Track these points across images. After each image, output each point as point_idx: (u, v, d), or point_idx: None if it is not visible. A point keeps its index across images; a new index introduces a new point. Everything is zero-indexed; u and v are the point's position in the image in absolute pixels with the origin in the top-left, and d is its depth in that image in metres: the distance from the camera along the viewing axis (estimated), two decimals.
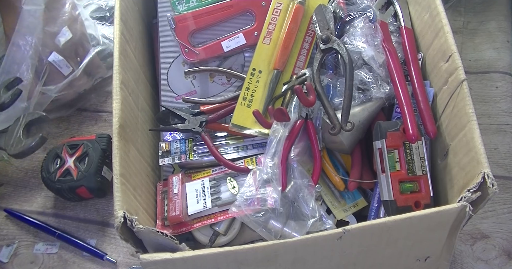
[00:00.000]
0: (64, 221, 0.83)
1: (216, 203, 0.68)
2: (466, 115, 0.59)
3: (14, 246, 0.80)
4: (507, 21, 0.99)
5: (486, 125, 0.88)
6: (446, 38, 0.65)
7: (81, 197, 0.82)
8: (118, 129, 0.61)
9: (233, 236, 0.70)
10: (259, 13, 0.76)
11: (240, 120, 0.73)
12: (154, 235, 0.55)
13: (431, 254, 0.62)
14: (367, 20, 0.72)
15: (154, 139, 0.77)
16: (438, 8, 0.68)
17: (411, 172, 0.65)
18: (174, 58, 0.79)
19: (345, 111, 0.66)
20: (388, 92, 0.70)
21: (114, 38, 0.68)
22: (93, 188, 0.79)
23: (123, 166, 0.60)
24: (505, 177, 0.84)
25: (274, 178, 0.66)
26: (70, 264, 0.79)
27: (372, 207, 0.71)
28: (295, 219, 0.67)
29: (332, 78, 0.72)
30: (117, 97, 0.63)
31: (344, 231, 0.52)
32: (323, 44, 0.71)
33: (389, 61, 0.71)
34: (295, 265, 0.58)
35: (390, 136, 0.65)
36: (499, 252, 0.77)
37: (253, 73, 0.74)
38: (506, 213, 0.81)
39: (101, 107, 0.93)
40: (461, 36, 0.98)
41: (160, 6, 0.79)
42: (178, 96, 0.79)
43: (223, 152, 0.73)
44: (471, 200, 0.54)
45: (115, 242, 0.80)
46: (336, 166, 0.73)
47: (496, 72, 0.94)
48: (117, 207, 0.55)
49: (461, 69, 0.62)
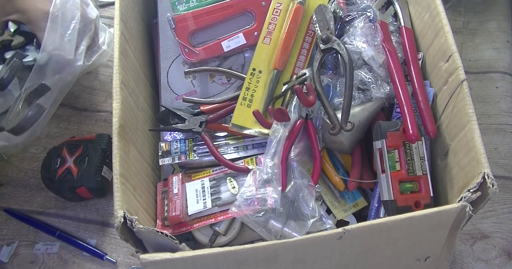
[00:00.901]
0: (64, 221, 0.83)
1: (216, 203, 0.68)
2: (466, 115, 0.59)
3: (14, 246, 0.80)
4: (507, 21, 0.99)
5: (486, 125, 0.88)
6: (446, 38, 0.65)
7: (81, 196, 0.82)
8: (118, 129, 0.61)
9: (233, 236, 0.70)
10: (259, 13, 0.76)
11: (240, 120, 0.73)
12: (154, 235, 0.55)
13: (431, 254, 0.62)
14: (367, 20, 0.72)
15: (154, 139, 0.77)
16: (438, 8, 0.68)
17: (411, 172, 0.65)
18: (174, 58, 0.79)
19: (345, 111, 0.66)
20: (388, 92, 0.70)
21: (114, 38, 0.68)
22: (93, 188, 0.79)
23: (123, 166, 0.60)
24: (505, 177, 0.84)
25: (274, 178, 0.66)
26: (70, 264, 0.79)
27: (372, 207, 0.71)
28: (295, 219, 0.67)
29: (332, 78, 0.72)
30: (117, 97, 0.63)
31: (344, 231, 0.52)
32: (323, 44, 0.71)
33: (389, 61, 0.71)
34: (295, 265, 0.58)
35: (390, 136, 0.65)
36: (499, 252, 0.77)
37: (253, 73, 0.74)
38: (506, 213, 0.81)
39: (101, 107, 0.93)
40: (461, 36, 0.98)
41: (160, 6, 0.79)
42: (178, 96, 0.79)
43: (223, 152, 0.73)
44: (471, 200, 0.54)
45: (115, 242, 0.80)
46: (336, 166, 0.73)
47: (496, 72, 0.94)
48: (117, 207, 0.55)
49: (461, 69, 0.62)
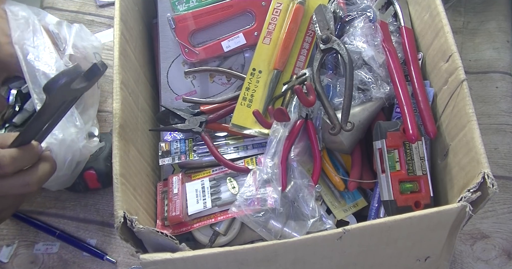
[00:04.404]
0: (64, 221, 0.83)
1: (216, 203, 0.68)
2: (466, 115, 0.59)
3: (14, 246, 0.80)
4: (507, 21, 0.99)
5: (486, 125, 0.88)
6: (446, 38, 0.65)
7: (86, 184, 0.81)
8: (118, 129, 0.61)
9: (233, 236, 0.70)
10: (259, 13, 0.76)
11: (240, 120, 0.73)
12: (154, 235, 0.55)
13: (431, 254, 0.62)
14: (367, 20, 0.72)
15: (154, 139, 0.77)
16: (438, 8, 0.68)
17: (411, 172, 0.65)
18: (174, 58, 0.79)
19: (345, 111, 0.66)
20: (388, 92, 0.70)
21: (114, 38, 0.68)
22: (102, 172, 0.79)
23: (123, 166, 0.60)
24: (505, 177, 0.84)
25: (274, 178, 0.66)
26: (70, 264, 0.79)
27: (372, 207, 0.71)
28: (295, 219, 0.67)
29: (332, 78, 0.72)
30: (117, 97, 0.63)
31: (344, 231, 0.52)
32: (323, 44, 0.71)
33: (389, 61, 0.71)
34: (295, 265, 0.58)
35: (390, 136, 0.65)
36: (499, 252, 0.77)
37: (253, 73, 0.74)
38: (506, 213, 0.81)
39: (101, 107, 0.93)
40: (461, 36, 0.98)
41: (160, 6, 0.79)
42: (178, 96, 0.79)
43: (223, 152, 0.73)
44: (471, 200, 0.54)
45: (115, 242, 0.80)
46: (336, 166, 0.73)
47: (496, 72, 0.94)
48: (117, 207, 0.55)
49: (461, 69, 0.62)
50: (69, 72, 0.55)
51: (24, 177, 0.58)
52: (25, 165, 0.59)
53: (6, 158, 0.56)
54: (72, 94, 0.58)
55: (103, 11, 1.04)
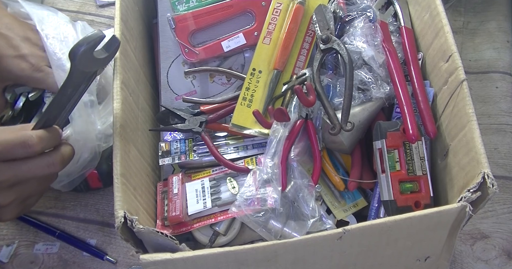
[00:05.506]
0: (64, 221, 0.83)
1: (216, 203, 0.68)
2: (466, 115, 0.59)
3: (14, 246, 0.80)
4: (507, 21, 0.99)
5: (486, 125, 0.88)
6: (446, 38, 0.65)
7: (88, 183, 0.81)
8: (118, 129, 0.61)
9: (233, 236, 0.70)
10: (259, 13, 0.76)
11: (240, 120, 0.73)
12: (154, 235, 0.55)
13: (431, 254, 0.62)
14: (367, 20, 0.72)
15: (154, 139, 0.77)
16: (438, 8, 0.68)
17: (411, 172, 0.65)
18: (174, 58, 0.79)
19: (345, 111, 0.66)
20: (388, 92, 0.70)
21: None
22: (103, 171, 0.79)
23: (124, 166, 0.60)
24: (505, 177, 0.84)
25: (274, 178, 0.66)
26: (70, 264, 0.79)
27: (372, 207, 0.71)
28: (295, 219, 0.67)
29: (332, 78, 0.72)
30: (117, 97, 0.63)
31: (344, 231, 0.52)
32: (323, 44, 0.71)
33: (389, 61, 0.71)
34: (295, 265, 0.58)
35: (390, 136, 0.65)
36: (499, 252, 0.77)
37: (253, 73, 0.74)
38: (506, 213, 0.81)
39: None
40: (461, 36, 0.98)
41: (160, 6, 0.79)
42: (178, 96, 0.79)
43: (223, 152, 0.73)
44: (471, 200, 0.54)
45: (115, 242, 0.80)
46: (336, 166, 0.73)
47: (496, 72, 0.94)
48: (118, 207, 0.55)
49: (461, 69, 0.62)
50: (91, 37, 0.58)
51: (48, 158, 0.60)
52: (50, 145, 0.61)
53: (34, 138, 0.57)
54: (95, 65, 0.60)
55: (103, 11, 1.04)
